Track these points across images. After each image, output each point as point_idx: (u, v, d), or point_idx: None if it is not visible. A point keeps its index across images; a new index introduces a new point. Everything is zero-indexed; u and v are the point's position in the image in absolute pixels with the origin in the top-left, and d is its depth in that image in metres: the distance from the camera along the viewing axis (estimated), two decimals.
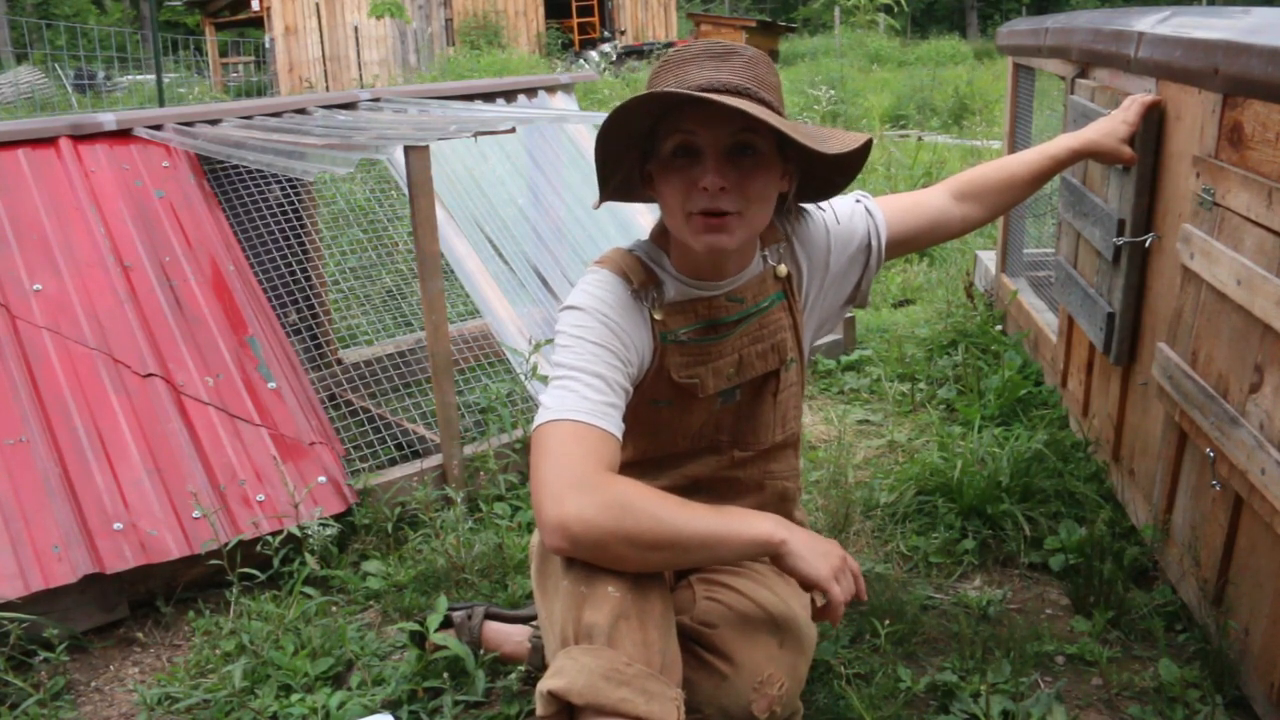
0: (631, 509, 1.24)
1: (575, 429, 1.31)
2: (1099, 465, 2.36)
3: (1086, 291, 2.34)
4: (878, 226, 1.62)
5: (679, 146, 1.35)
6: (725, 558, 1.31)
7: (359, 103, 3.28)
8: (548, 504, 1.26)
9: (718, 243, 1.37)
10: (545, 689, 1.21)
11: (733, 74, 1.33)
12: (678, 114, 1.34)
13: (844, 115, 8.78)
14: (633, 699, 1.20)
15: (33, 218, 2.46)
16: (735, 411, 1.56)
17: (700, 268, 1.47)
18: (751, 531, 1.28)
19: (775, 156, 1.38)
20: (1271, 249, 1.50)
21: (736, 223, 1.36)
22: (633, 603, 1.26)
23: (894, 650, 1.85)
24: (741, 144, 1.34)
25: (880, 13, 16.82)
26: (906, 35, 21.54)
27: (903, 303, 4.08)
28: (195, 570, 2.13)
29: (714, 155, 1.33)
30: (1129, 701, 1.72)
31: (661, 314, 1.45)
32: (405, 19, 14.18)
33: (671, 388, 1.48)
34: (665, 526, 1.25)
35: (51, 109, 11.99)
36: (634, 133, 1.40)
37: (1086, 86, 2.44)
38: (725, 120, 1.32)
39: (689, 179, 1.35)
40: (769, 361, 1.53)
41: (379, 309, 3.45)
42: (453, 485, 2.42)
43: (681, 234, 1.40)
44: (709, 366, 1.49)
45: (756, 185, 1.36)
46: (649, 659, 1.24)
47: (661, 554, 1.26)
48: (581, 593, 1.26)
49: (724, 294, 1.48)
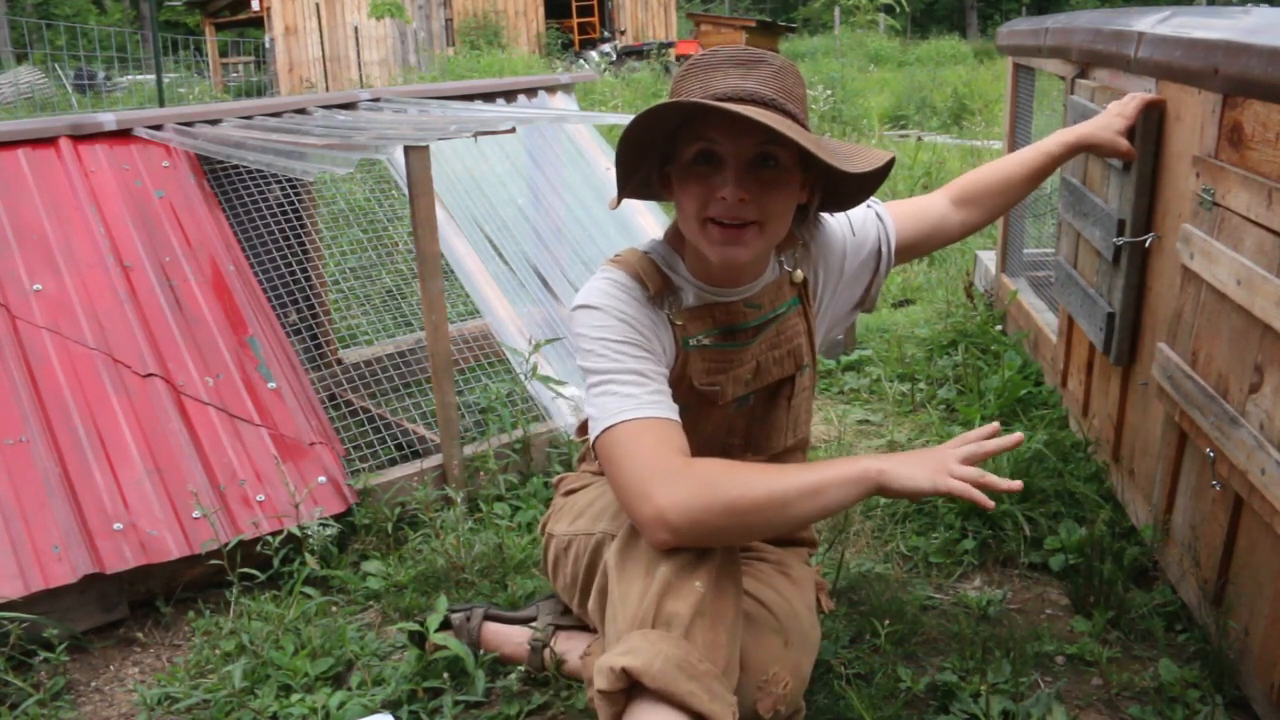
0: (719, 483, 1.24)
1: (633, 427, 1.31)
2: (1099, 465, 2.36)
3: (1086, 291, 2.34)
4: (888, 233, 1.62)
5: (700, 154, 1.34)
6: (829, 504, 1.27)
7: (359, 103, 3.28)
8: (637, 504, 1.27)
9: (733, 256, 1.35)
10: (618, 665, 1.20)
11: (760, 84, 1.32)
12: (702, 121, 1.33)
13: (843, 115, 8.78)
14: (700, 694, 1.20)
15: (33, 218, 2.46)
16: (749, 416, 1.56)
17: (714, 274, 1.46)
18: (848, 471, 1.27)
19: (796, 169, 1.37)
20: (1271, 249, 1.50)
21: (754, 234, 1.35)
22: (711, 601, 1.27)
23: (894, 650, 1.85)
24: (764, 155, 1.33)
25: (880, 13, 16.82)
26: (906, 35, 21.53)
27: (903, 303, 4.08)
28: (195, 570, 2.13)
29: (735, 166, 1.32)
30: (1129, 701, 1.72)
31: (682, 319, 1.44)
32: (405, 19, 14.18)
33: (691, 394, 1.47)
34: (759, 489, 1.25)
35: (51, 109, 11.99)
36: (656, 136, 1.39)
37: (1086, 86, 2.44)
38: (749, 132, 1.30)
39: (708, 186, 1.34)
40: (785, 367, 1.53)
41: (379, 309, 3.44)
42: (453, 485, 2.42)
43: (697, 241, 1.39)
44: (729, 374, 1.49)
45: (776, 198, 1.35)
46: (715, 660, 1.25)
47: (764, 515, 1.26)
48: (668, 580, 1.26)
49: (741, 300, 1.47)
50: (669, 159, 1.41)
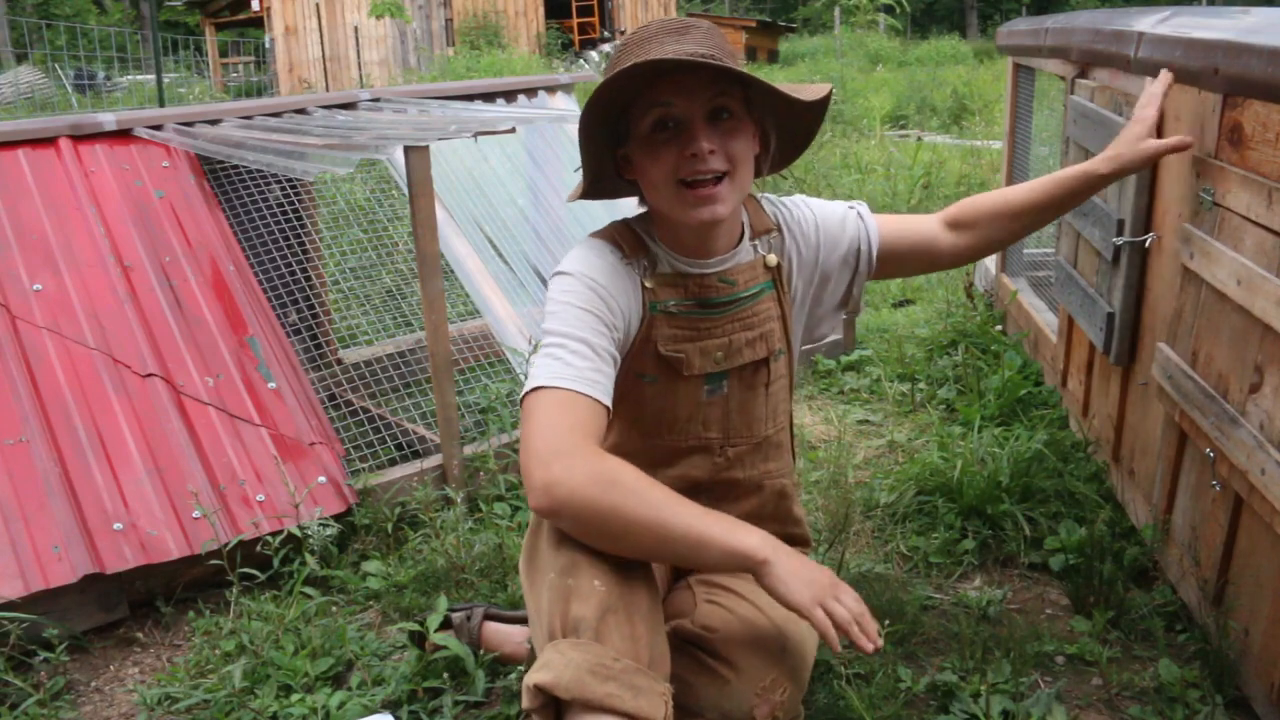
0: (620, 485, 1.23)
1: (563, 397, 1.31)
2: (1099, 465, 2.36)
3: (1086, 291, 2.34)
4: (869, 232, 1.61)
5: (658, 121, 1.36)
6: (705, 562, 1.27)
7: (359, 103, 3.28)
8: (534, 467, 1.25)
9: (712, 213, 1.38)
10: (531, 682, 1.20)
11: (696, 44, 1.35)
12: (651, 91, 1.35)
13: (845, 115, 8.78)
14: (619, 694, 1.19)
15: (33, 218, 2.46)
16: (724, 404, 1.56)
17: (687, 244, 1.48)
18: (737, 542, 1.25)
19: (747, 117, 1.41)
20: (1271, 249, 1.50)
21: (727, 188, 1.38)
22: (619, 596, 1.25)
23: (894, 650, 1.85)
24: (717, 109, 1.36)
25: (880, 13, 16.82)
26: (906, 35, 21.54)
27: (903, 303, 4.08)
28: (195, 570, 2.13)
29: (696, 122, 1.35)
30: (1129, 701, 1.72)
31: (653, 283, 1.46)
32: (405, 19, 14.18)
33: (657, 362, 1.49)
34: (651, 511, 1.23)
35: (51, 109, 12.00)
36: (609, 118, 1.41)
37: (1086, 86, 2.44)
38: (701, 87, 1.34)
39: (674, 149, 1.36)
40: (757, 350, 1.53)
41: (379, 309, 3.44)
42: (453, 485, 2.42)
43: (671, 210, 1.41)
44: (697, 345, 1.50)
45: (738, 144, 1.39)
46: (636, 653, 1.23)
47: (642, 538, 1.24)
48: (568, 585, 1.25)
49: (716, 274, 1.49)
50: (622, 141, 1.44)
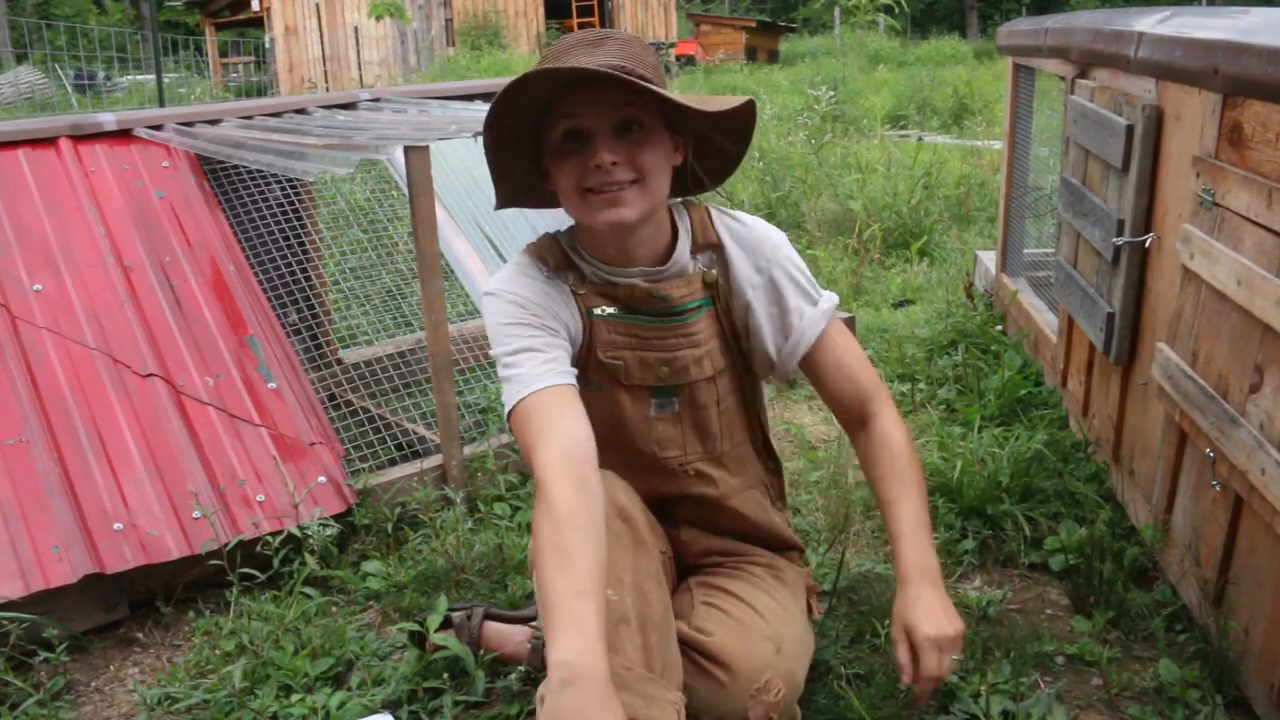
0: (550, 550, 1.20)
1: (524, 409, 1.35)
2: (1099, 465, 2.36)
3: (1086, 291, 2.34)
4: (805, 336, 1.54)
5: (567, 132, 1.38)
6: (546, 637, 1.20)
7: (359, 103, 3.28)
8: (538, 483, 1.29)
9: (617, 216, 1.38)
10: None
11: (608, 56, 1.36)
12: (562, 102, 1.37)
13: (845, 115, 8.78)
14: (632, 703, 1.20)
15: (33, 218, 2.46)
16: (677, 421, 1.55)
17: (608, 252, 1.48)
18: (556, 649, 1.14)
19: (662, 129, 1.41)
20: (1271, 249, 1.50)
21: (635, 193, 1.38)
22: (632, 606, 1.26)
23: (894, 650, 1.85)
24: (626, 120, 1.37)
25: (880, 13, 16.81)
26: (907, 35, 21.54)
27: (903, 303, 4.08)
28: (195, 570, 2.13)
29: (602, 134, 1.36)
30: (1129, 701, 1.72)
31: (585, 290, 1.48)
32: (405, 19, 14.19)
33: (600, 369, 1.50)
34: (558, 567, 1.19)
35: (51, 109, 12.00)
36: (522, 129, 1.43)
37: (1086, 87, 2.44)
38: (607, 98, 1.35)
39: (580, 161, 1.38)
40: (704, 368, 1.53)
41: (379, 309, 3.44)
42: (453, 485, 2.42)
43: (581, 215, 1.43)
44: (636, 354, 1.50)
45: (648, 154, 1.38)
46: (649, 663, 1.24)
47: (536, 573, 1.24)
48: None
49: (646, 289, 1.49)
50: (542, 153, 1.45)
